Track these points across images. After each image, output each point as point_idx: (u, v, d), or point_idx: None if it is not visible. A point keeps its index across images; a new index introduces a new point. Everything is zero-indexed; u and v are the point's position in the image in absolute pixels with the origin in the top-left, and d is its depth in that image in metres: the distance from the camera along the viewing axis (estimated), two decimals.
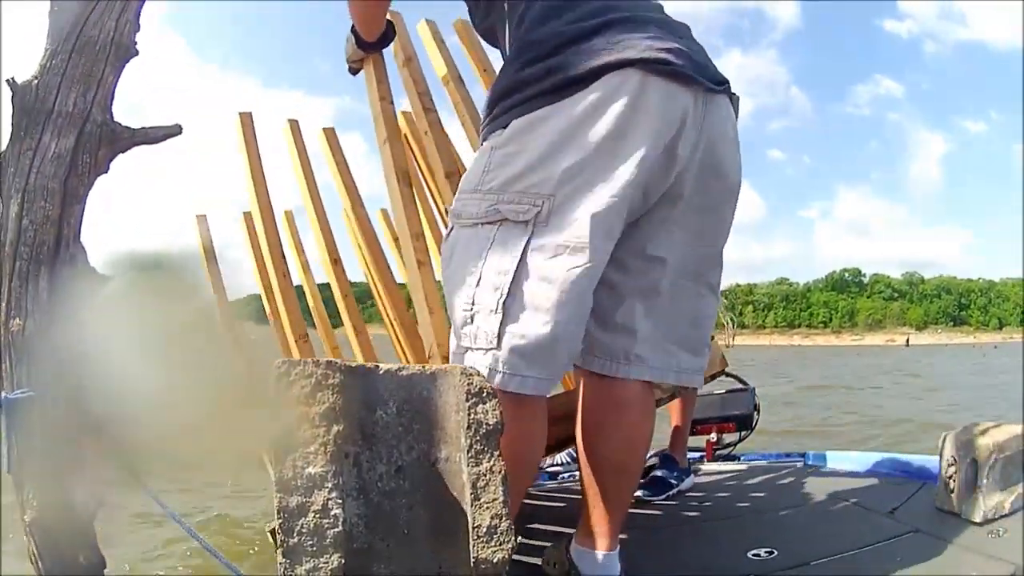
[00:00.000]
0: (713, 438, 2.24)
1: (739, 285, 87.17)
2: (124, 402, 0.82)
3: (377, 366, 0.61)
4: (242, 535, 2.34)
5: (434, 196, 1.72)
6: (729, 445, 2.29)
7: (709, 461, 2.16)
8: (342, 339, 2.10)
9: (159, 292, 0.93)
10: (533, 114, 0.85)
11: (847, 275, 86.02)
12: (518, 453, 0.83)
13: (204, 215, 2.00)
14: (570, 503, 1.69)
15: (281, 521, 0.56)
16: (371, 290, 1.92)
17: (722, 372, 1.80)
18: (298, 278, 2.16)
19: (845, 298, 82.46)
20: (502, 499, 0.58)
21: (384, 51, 1.41)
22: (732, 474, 1.93)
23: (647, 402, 1.00)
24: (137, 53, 0.99)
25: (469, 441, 0.58)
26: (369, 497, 0.60)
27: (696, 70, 0.89)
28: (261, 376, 0.61)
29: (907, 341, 66.10)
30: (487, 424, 0.58)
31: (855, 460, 1.83)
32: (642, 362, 0.96)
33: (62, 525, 0.84)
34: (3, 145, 0.93)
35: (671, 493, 1.69)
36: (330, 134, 1.92)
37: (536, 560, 1.14)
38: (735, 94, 0.98)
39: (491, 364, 0.80)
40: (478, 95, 1.52)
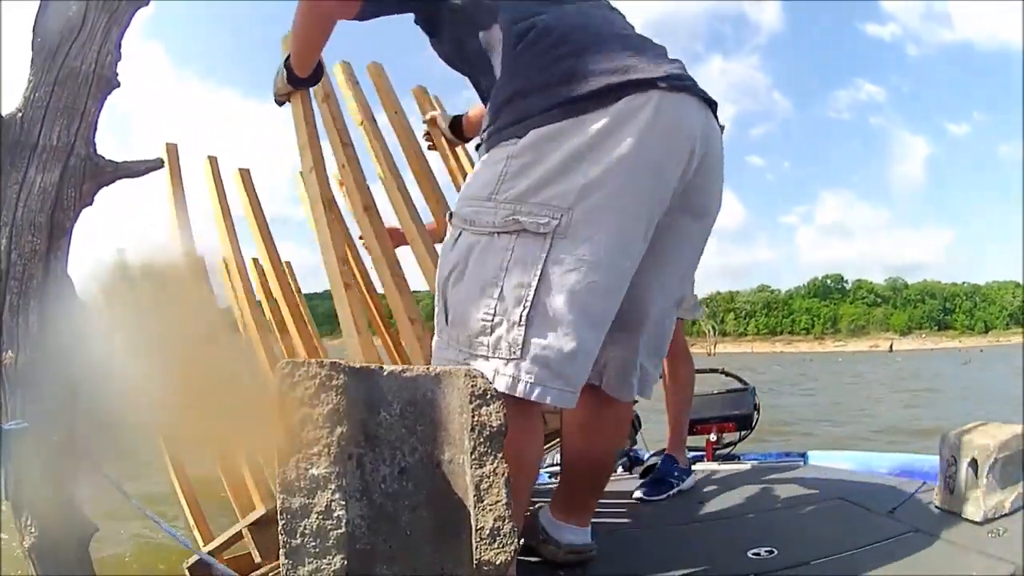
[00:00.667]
0: (713, 438, 2.24)
1: (720, 293, 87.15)
2: (115, 411, 0.83)
3: (381, 367, 0.61)
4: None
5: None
6: (729, 445, 2.29)
7: (709, 461, 2.17)
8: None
9: (152, 302, 0.94)
10: (553, 125, 0.84)
11: (829, 281, 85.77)
12: (526, 457, 0.87)
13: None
14: None
15: (284, 522, 0.56)
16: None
17: None
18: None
19: (828, 304, 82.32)
20: (505, 501, 0.58)
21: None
22: (732, 474, 1.94)
23: (629, 412, 1.15)
24: (119, 85, 0.99)
25: (473, 443, 0.58)
26: (372, 499, 0.60)
27: (699, 91, 0.92)
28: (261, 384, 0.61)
29: (891, 347, 66.12)
30: (491, 426, 0.58)
31: (855, 460, 1.84)
32: (636, 382, 1.05)
33: (60, 550, 0.86)
34: None
35: (672, 493, 1.69)
36: (245, 175, 1.89)
37: (532, 558, 1.15)
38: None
39: (514, 373, 0.81)
40: (392, 139, 1.61)
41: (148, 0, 1.00)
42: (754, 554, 1.12)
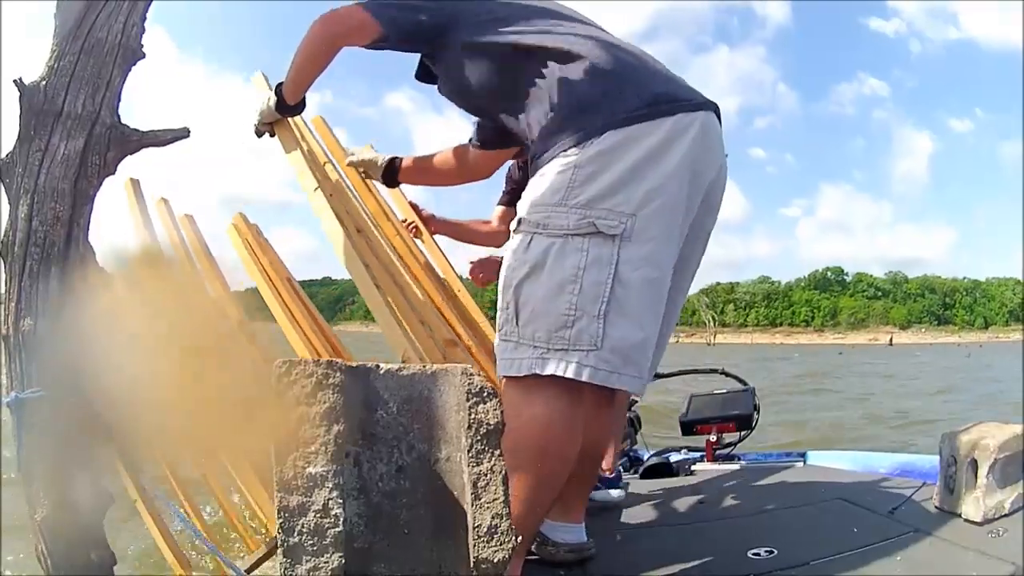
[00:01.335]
0: (713, 438, 2.24)
1: (720, 284, 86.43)
2: (131, 396, 0.83)
3: (378, 366, 0.61)
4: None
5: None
6: (729, 445, 2.29)
7: (709, 461, 2.16)
8: None
9: (167, 288, 0.94)
10: (615, 136, 0.94)
11: (830, 274, 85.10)
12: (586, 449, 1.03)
13: (191, 215, 1.94)
14: None
15: (282, 520, 0.57)
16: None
17: None
18: None
19: (827, 297, 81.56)
20: (502, 499, 0.58)
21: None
22: (732, 474, 1.93)
23: (625, 405, 1.24)
24: (144, 56, 0.99)
25: (470, 441, 0.59)
26: (370, 497, 0.60)
27: (718, 111, 1.05)
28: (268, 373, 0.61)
29: (890, 340, 65.76)
30: (488, 424, 0.58)
31: (855, 460, 1.84)
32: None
33: (73, 523, 0.85)
34: (1, 148, 0.94)
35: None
36: (164, 204, 1.84)
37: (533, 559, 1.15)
38: None
39: (594, 364, 0.89)
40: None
41: None
42: (754, 554, 1.12)
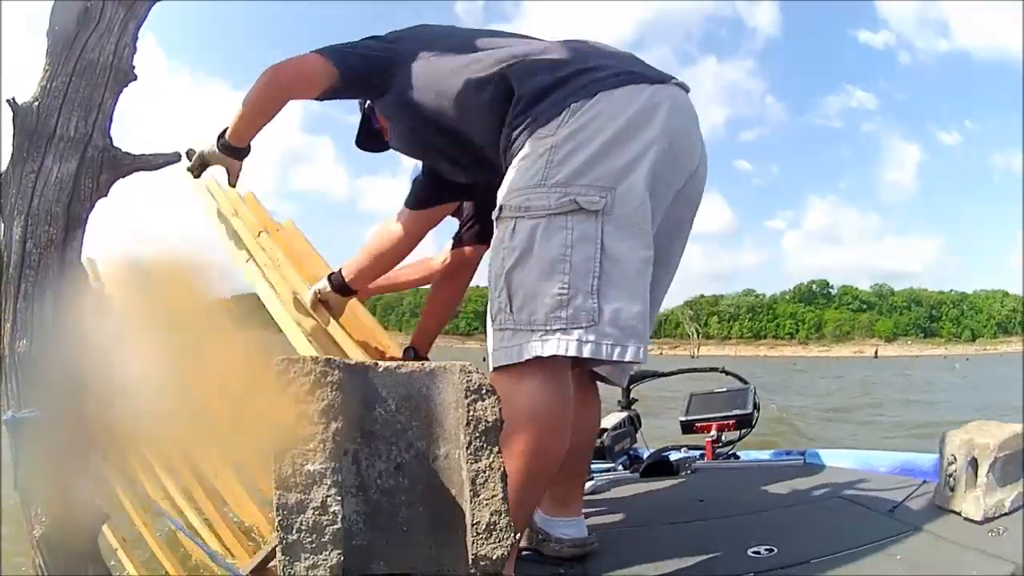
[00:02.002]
0: (713, 437, 2.24)
1: (704, 296, 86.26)
2: (126, 408, 0.84)
3: (376, 363, 0.61)
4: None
5: None
6: (729, 444, 2.29)
7: (709, 460, 2.16)
8: None
9: (162, 294, 0.94)
10: (597, 103, 0.95)
11: (815, 286, 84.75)
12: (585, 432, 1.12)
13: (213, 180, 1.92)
14: None
15: (280, 518, 0.56)
16: None
17: None
18: None
19: (812, 309, 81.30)
20: (501, 496, 0.58)
21: None
22: (732, 473, 1.93)
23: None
24: (136, 78, 0.99)
25: (468, 438, 0.58)
26: (368, 494, 0.60)
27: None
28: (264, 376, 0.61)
29: (875, 353, 65.61)
30: (486, 421, 0.58)
31: (855, 459, 1.83)
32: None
33: (69, 540, 0.86)
34: (1, 165, 0.94)
35: None
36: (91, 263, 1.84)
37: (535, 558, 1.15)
38: None
39: (595, 339, 0.89)
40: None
41: None
42: (754, 553, 1.12)
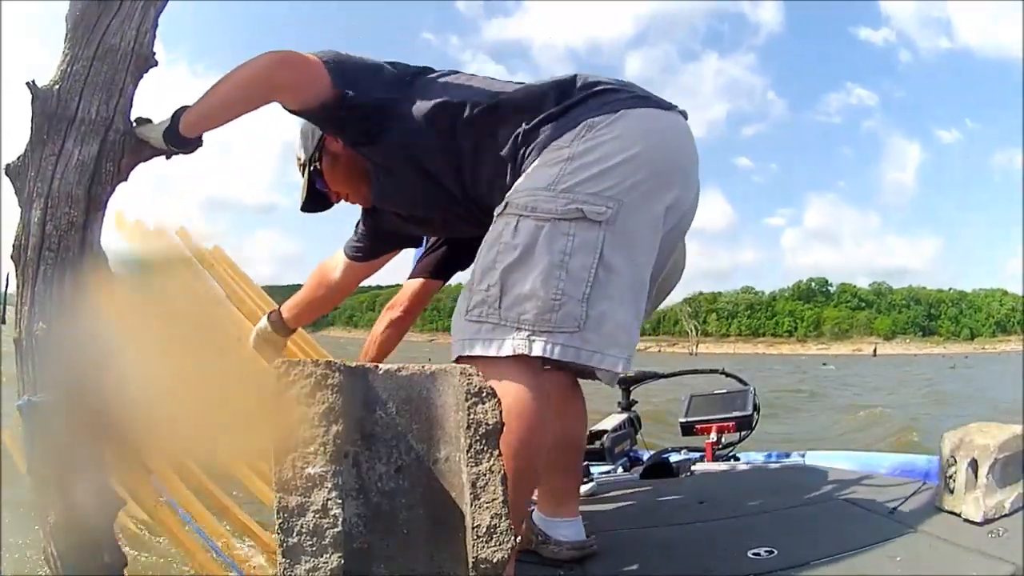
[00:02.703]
0: (713, 438, 2.24)
1: (703, 293, 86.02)
2: (140, 399, 0.83)
3: (376, 366, 0.61)
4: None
5: None
6: (729, 446, 2.28)
7: (709, 461, 2.16)
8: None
9: (176, 289, 0.94)
10: (617, 120, 0.97)
11: (813, 284, 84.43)
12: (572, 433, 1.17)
13: (184, 229, 1.95)
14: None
15: (281, 521, 0.56)
16: None
17: None
18: None
19: (811, 307, 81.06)
20: (501, 499, 0.58)
21: None
22: (732, 474, 1.93)
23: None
24: (156, 63, 0.99)
25: (469, 441, 0.59)
26: (368, 497, 0.60)
27: None
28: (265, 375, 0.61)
29: (874, 351, 65.42)
30: (487, 424, 0.58)
31: (855, 460, 1.83)
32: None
33: (85, 525, 0.85)
34: (3, 151, 0.94)
35: None
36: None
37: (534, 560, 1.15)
38: None
39: (578, 344, 0.91)
40: None
41: None
42: (754, 554, 1.12)
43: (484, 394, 0.59)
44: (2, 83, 0.94)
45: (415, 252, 1.66)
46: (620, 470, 2.18)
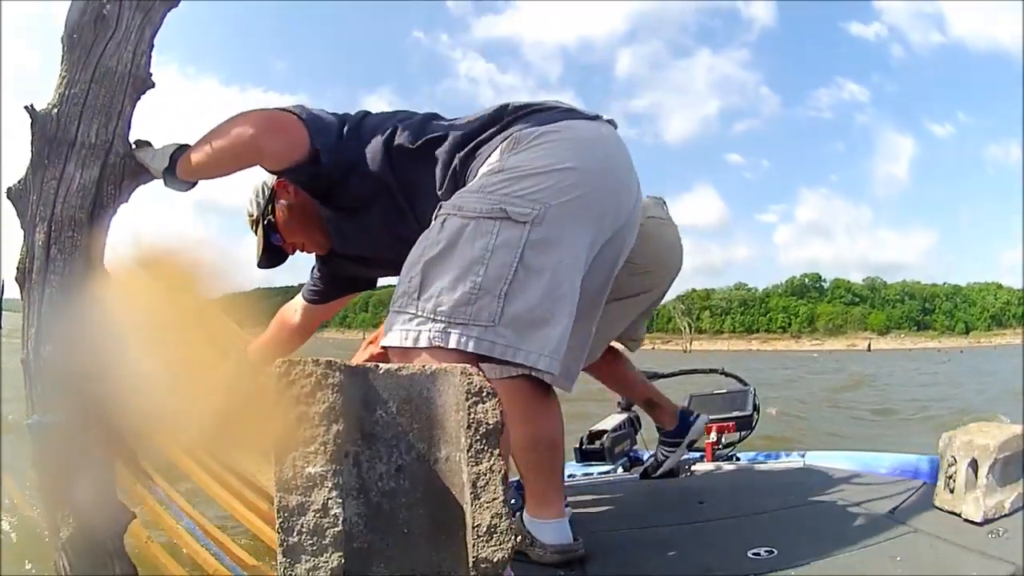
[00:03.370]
0: (713, 438, 2.24)
1: (696, 290, 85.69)
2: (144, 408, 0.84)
3: (377, 365, 0.61)
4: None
5: None
6: (729, 446, 2.28)
7: (709, 461, 2.16)
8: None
9: (170, 291, 0.94)
10: (547, 130, 1.01)
11: (807, 280, 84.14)
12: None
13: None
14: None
15: (281, 520, 0.56)
16: None
17: None
18: None
19: (805, 303, 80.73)
20: (502, 498, 0.58)
21: None
22: (732, 474, 1.93)
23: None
24: (153, 85, 0.99)
25: (469, 440, 0.58)
26: (369, 496, 0.60)
27: None
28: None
29: (869, 346, 65.22)
30: (487, 423, 0.58)
31: (855, 460, 1.83)
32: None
33: (96, 539, 0.86)
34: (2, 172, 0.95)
35: None
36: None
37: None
38: None
39: (492, 339, 0.92)
40: None
41: (178, 1, 1.00)
42: (754, 554, 1.12)
43: (484, 394, 0.59)
44: (2, 84, 0.94)
45: None
46: (620, 470, 2.18)
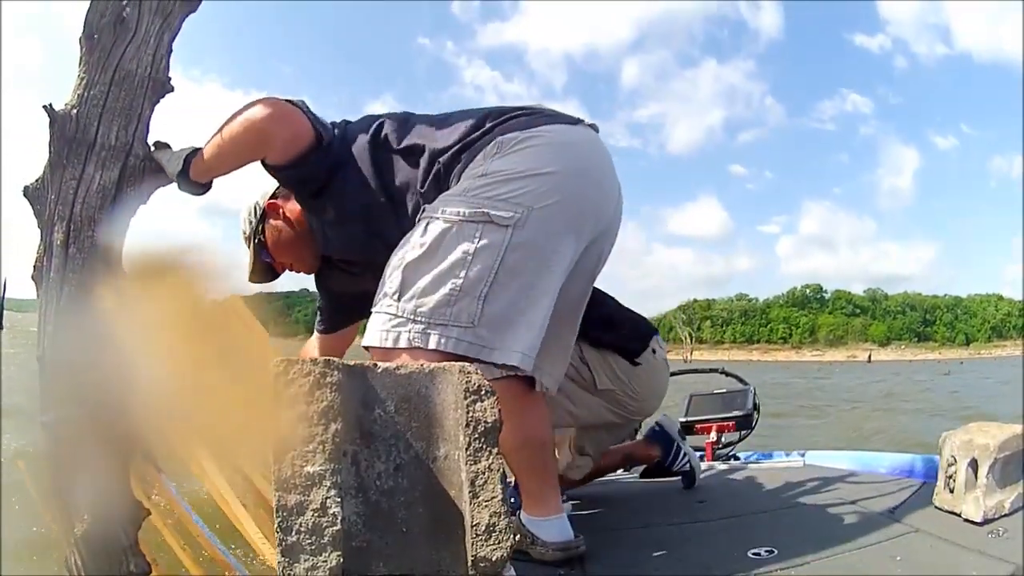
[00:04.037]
0: (713, 438, 2.24)
1: (697, 300, 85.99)
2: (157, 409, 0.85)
3: (375, 364, 0.61)
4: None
5: None
6: (729, 445, 2.28)
7: (709, 461, 2.16)
8: None
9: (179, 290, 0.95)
10: (529, 134, 1.01)
11: (808, 291, 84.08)
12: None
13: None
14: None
15: (280, 519, 0.56)
16: None
17: None
18: None
19: (806, 314, 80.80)
20: (500, 497, 0.58)
21: None
22: (732, 474, 1.93)
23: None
24: (172, 89, 1.00)
25: (467, 439, 0.58)
26: (368, 495, 0.60)
27: None
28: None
29: (869, 357, 65.13)
30: (485, 422, 0.58)
31: (855, 460, 1.83)
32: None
33: (112, 535, 0.87)
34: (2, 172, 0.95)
35: None
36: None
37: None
38: None
39: (471, 339, 0.93)
40: None
41: (198, 5, 1.00)
42: (754, 554, 1.12)
43: (483, 392, 0.59)
44: (2, 85, 0.95)
45: None
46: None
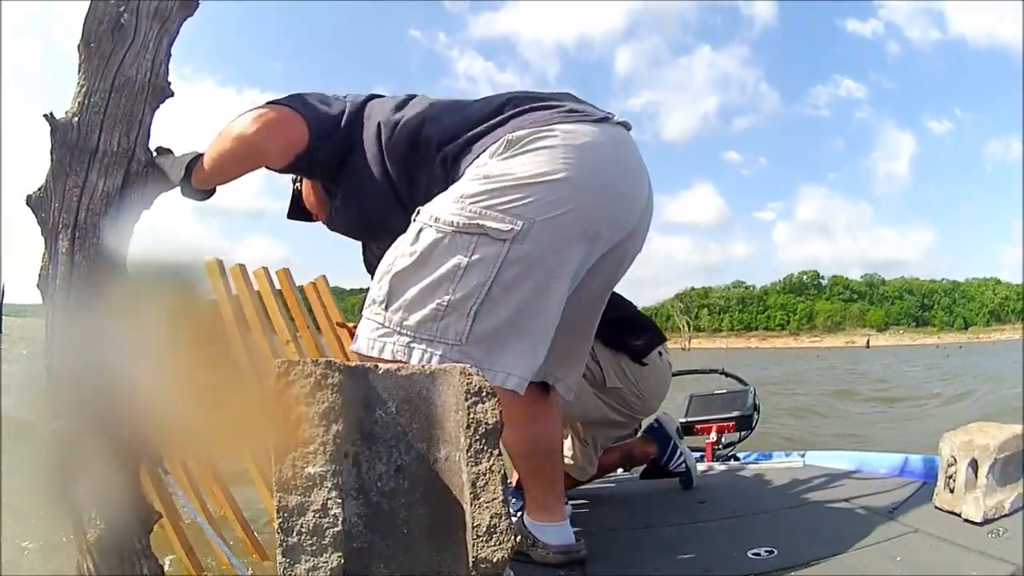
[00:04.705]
0: (713, 438, 2.24)
1: (694, 288, 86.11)
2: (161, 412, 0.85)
3: (376, 366, 0.61)
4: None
5: None
6: (729, 445, 2.29)
7: (709, 461, 2.16)
8: None
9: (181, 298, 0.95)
10: (546, 128, 0.95)
11: (805, 277, 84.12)
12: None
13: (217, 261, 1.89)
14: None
15: (281, 520, 0.56)
16: None
17: None
18: None
19: (803, 300, 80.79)
20: (501, 498, 0.58)
21: None
22: (732, 474, 1.93)
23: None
24: (172, 94, 1.00)
25: (468, 440, 0.58)
26: (368, 497, 0.60)
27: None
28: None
29: (867, 343, 65.16)
30: (486, 423, 0.58)
31: (855, 460, 1.83)
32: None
33: (125, 540, 0.87)
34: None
35: None
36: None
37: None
38: None
39: (457, 358, 0.88)
40: None
41: (195, 9, 1.00)
42: (754, 554, 1.12)
43: (484, 393, 0.59)
44: (2, 85, 0.95)
45: None
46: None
